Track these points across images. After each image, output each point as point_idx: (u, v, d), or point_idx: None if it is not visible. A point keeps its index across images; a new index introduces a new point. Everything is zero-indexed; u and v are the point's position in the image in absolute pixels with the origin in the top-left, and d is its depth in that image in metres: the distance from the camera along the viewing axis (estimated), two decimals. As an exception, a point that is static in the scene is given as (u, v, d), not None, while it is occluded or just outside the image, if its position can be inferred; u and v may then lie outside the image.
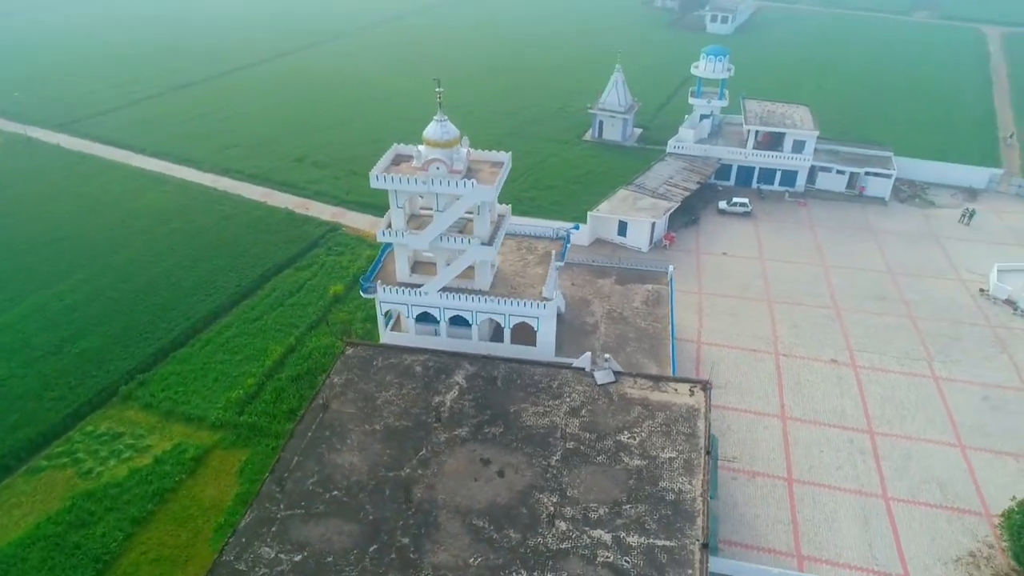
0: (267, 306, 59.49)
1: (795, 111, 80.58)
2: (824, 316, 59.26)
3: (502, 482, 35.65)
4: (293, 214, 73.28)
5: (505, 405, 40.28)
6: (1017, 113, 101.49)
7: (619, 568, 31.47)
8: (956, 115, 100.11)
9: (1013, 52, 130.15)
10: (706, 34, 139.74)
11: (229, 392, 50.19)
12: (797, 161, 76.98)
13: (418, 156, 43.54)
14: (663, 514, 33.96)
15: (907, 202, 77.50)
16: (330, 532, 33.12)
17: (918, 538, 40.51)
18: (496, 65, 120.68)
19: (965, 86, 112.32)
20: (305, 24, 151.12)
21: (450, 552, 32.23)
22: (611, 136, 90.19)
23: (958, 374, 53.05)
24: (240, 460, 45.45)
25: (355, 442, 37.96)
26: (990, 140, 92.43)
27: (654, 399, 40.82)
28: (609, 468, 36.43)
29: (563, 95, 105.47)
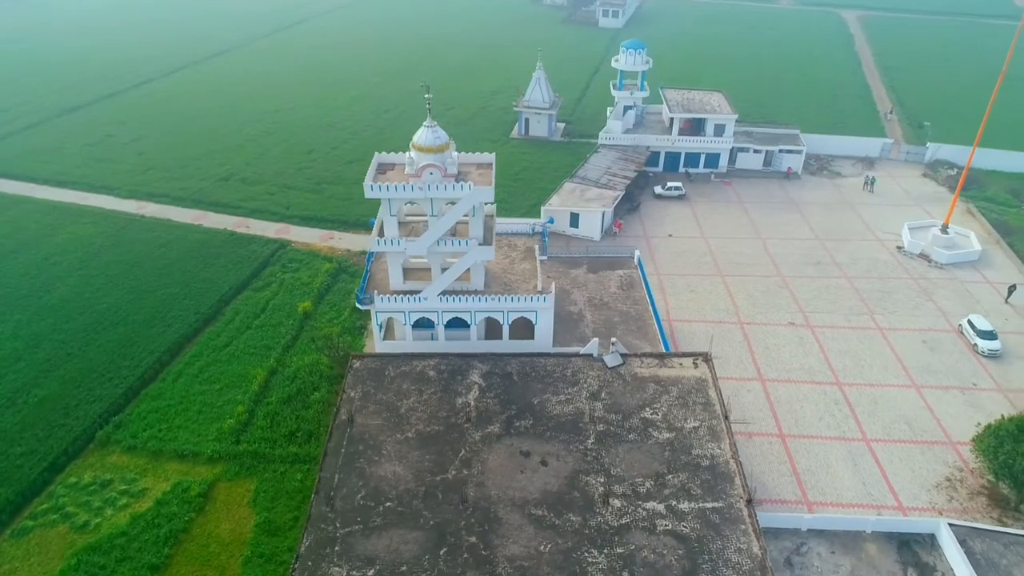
0: (234, 330, 57.31)
1: (711, 97, 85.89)
2: (773, 284, 64.06)
3: (547, 470, 36.81)
4: (235, 234, 70.52)
5: (527, 398, 41.36)
6: (888, 90, 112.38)
7: (679, 534, 33.49)
8: (838, 93, 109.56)
9: (872, 34, 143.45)
10: (598, 29, 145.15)
11: (218, 423, 48.31)
12: (719, 144, 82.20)
13: (411, 163, 43.61)
14: (703, 479, 36.31)
15: (817, 175, 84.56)
16: (395, 543, 33.13)
17: (901, 471, 45.16)
18: (404, 68, 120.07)
19: (839, 66, 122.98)
20: (203, 32, 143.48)
21: (519, 543, 33.11)
22: (538, 132, 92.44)
23: (897, 323, 59.04)
24: (249, 490, 43.97)
25: (391, 452, 37.89)
26: (872, 115, 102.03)
27: (664, 375, 43.19)
28: (642, 444, 38.39)
29: (482, 95, 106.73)
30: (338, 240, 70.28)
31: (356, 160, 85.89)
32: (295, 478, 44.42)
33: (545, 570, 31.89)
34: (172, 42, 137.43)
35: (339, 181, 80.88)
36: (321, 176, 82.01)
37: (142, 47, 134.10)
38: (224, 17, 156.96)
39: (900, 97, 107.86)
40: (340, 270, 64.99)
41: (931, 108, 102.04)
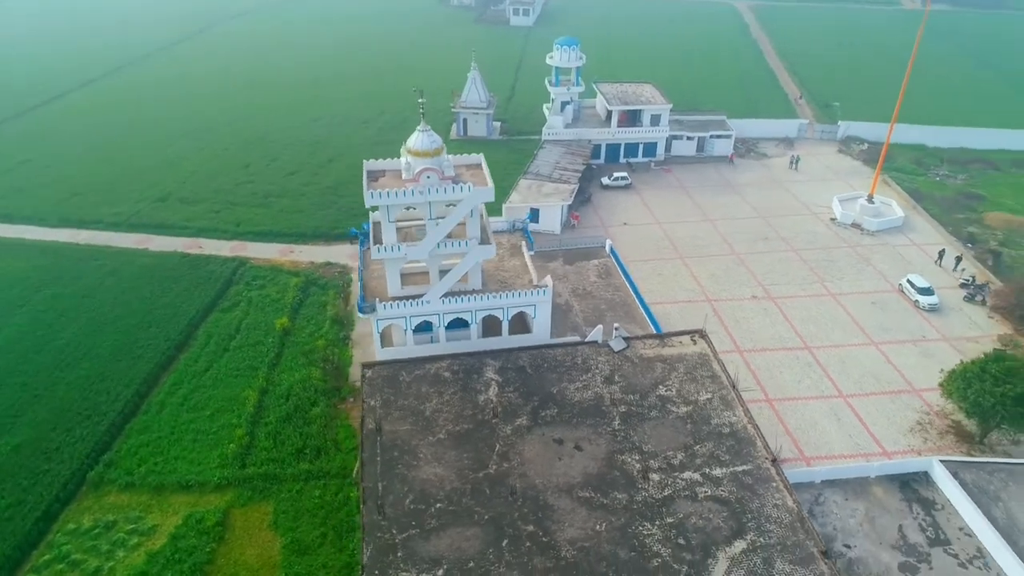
0: (211, 354, 55.30)
1: (643, 88, 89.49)
2: (730, 262, 67.87)
3: (584, 455, 38.17)
4: (188, 256, 67.65)
5: (546, 388, 42.56)
6: (791, 75, 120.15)
7: (720, 498, 35.68)
8: (746, 81, 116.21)
9: (765, 23, 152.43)
10: (510, 27, 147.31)
11: (217, 449, 46.76)
12: (656, 133, 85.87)
13: (407, 168, 43.83)
14: (728, 445, 38.71)
15: (745, 157, 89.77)
16: (455, 541, 33.60)
17: (878, 421, 49.36)
18: (323, 75, 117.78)
19: (742, 55, 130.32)
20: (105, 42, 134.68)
21: (575, 526, 34.32)
22: (476, 132, 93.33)
23: (845, 288, 64.02)
24: (267, 513, 42.93)
25: (428, 454, 38.17)
26: (782, 99, 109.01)
27: (667, 354, 45.43)
28: (664, 419, 40.41)
29: (412, 98, 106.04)
30: (299, 253, 68.76)
31: (297, 171, 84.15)
32: (313, 495, 43.70)
33: (606, 548, 33.26)
34: (77, 54, 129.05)
35: (284, 194, 78.92)
36: (265, 190, 79.74)
37: (41, 59, 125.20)
38: (120, 27, 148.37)
39: (804, 81, 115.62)
40: (309, 283, 63.74)
41: (833, 90, 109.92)
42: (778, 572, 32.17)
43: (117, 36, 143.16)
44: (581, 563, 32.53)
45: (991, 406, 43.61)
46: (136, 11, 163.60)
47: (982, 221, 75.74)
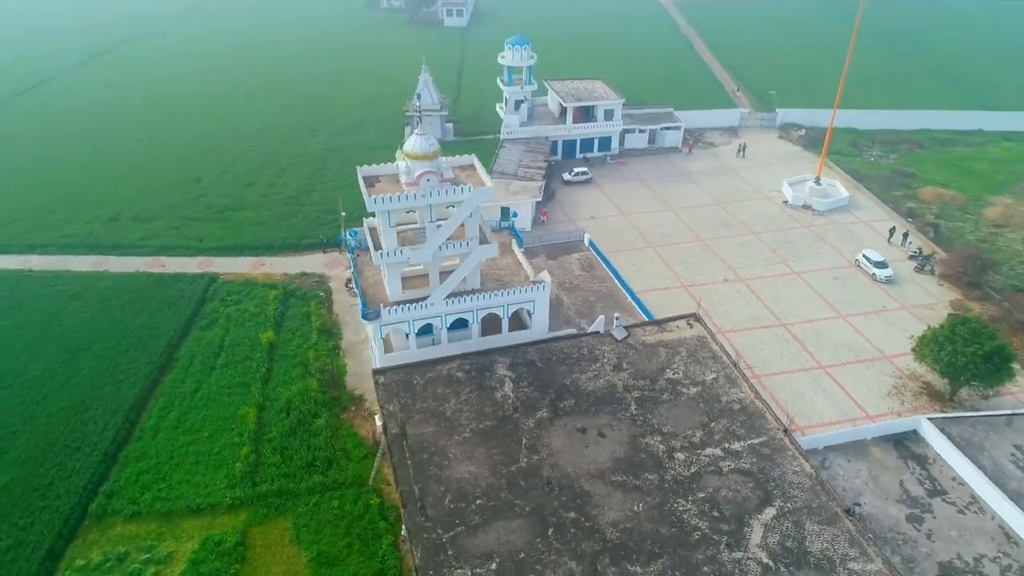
0: (198, 374, 53.78)
1: (594, 85, 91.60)
2: (697, 248, 70.59)
3: (608, 441, 39.37)
4: (153, 275, 65.29)
5: (559, 380, 43.55)
6: (724, 66, 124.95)
7: (743, 470, 37.57)
8: (684, 74, 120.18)
9: (692, 19, 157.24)
10: (445, 28, 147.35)
11: (222, 469, 45.77)
12: (611, 127, 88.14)
13: (407, 172, 43.90)
14: (741, 420, 40.69)
15: (697, 146, 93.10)
16: (502, 534, 34.21)
17: (858, 388, 52.70)
18: (262, 84, 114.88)
19: (675, 51, 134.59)
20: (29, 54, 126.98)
21: (614, 509, 35.48)
22: (431, 135, 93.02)
23: (807, 267, 67.69)
24: (287, 528, 42.43)
25: (457, 453, 38.55)
26: (719, 90, 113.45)
27: (668, 339, 47.18)
28: (677, 401, 42.08)
29: (359, 104, 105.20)
30: (271, 266, 67.38)
31: (253, 182, 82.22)
32: (332, 506, 43.41)
33: (648, 526, 34.57)
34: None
35: (244, 206, 77.04)
36: (222, 203, 77.57)
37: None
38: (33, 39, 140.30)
39: (737, 73, 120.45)
40: (287, 295, 62.64)
41: (765, 79, 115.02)
42: (809, 533, 34.23)
43: (32, 49, 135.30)
44: (627, 543, 33.72)
45: (963, 365, 47.33)
46: (49, 21, 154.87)
47: (918, 196, 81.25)
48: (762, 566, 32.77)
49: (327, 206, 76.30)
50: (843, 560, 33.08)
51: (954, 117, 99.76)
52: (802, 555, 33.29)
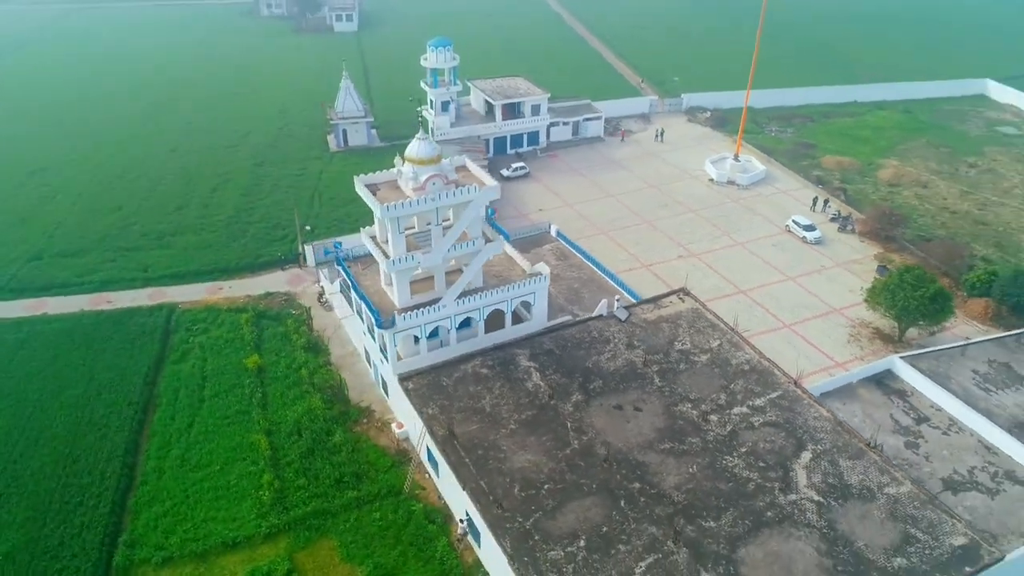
0: (187, 408, 51.17)
1: (516, 81, 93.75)
2: (646, 230, 74.57)
3: (644, 414, 41.83)
4: (102, 313, 60.92)
5: (581, 364, 45.53)
6: (617, 56, 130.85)
7: (772, 422, 41.20)
8: (584, 66, 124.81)
9: (574, 11, 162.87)
10: (335, 34, 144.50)
11: (247, 500, 44.20)
12: (538, 122, 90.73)
13: (413, 177, 44.17)
14: (755, 379, 44.42)
15: (615, 135, 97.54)
16: (579, 512, 35.84)
17: (822, 340, 58.19)
18: (159, 101, 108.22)
19: (567, 43, 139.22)
20: None
21: (672, 474, 37.98)
22: (357, 142, 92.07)
23: (747, 237, 73.31)
24: (333, 547, 41.74)
25: (510, 445, 39.67)
26: (619, 80, 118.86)
27: (666, 314, 50.29)
28: (693, 369, 45.21)
29: (272, 116, 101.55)
30: (230, 289, 64.66)
31: (184, 205, 78.00)
32: (374, 519, 43.09)
33: (706, 484, 37.31)
34: None
35: (182, 231, 73.05)
36: (158, 230, 73.17)
37: None
38: None
39: (630, 62, 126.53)
40: (258, 317, 60.45)
41: (659, 66, 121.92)
42: (844, 469, 38.25)
43: None
44: (695, 502, 36.29)
45: (915, 307, 53.64)
46: None
47: (821, 165, 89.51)
48: (815, 503, 36.36)
49: (273, 222, 74.00)
50: (879, 487, 37.30)
51: (833, 92, 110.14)
52: (845, 488, 37.20)
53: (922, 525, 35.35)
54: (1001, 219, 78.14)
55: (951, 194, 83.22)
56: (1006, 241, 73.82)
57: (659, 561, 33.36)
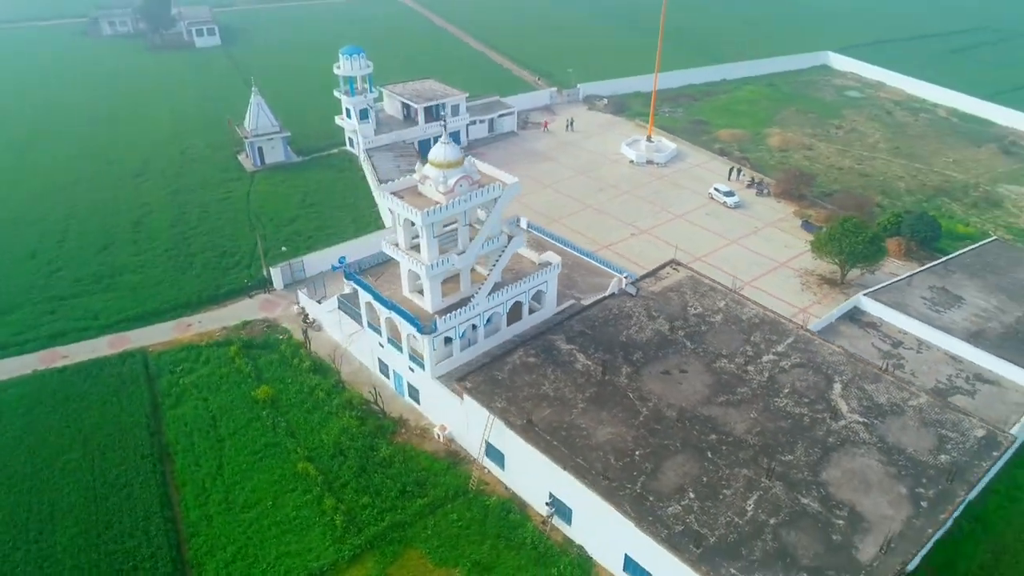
0: (208, 452, 48.38)
1: (429, 84, 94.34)
2: (592, 213, 78.66)
3: (690, 376, 45.58)
4: (65, 369, 55.26)
5: (616, 339, 48.49)
6: (500, 55, 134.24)
7: (799, 364, 46.44)
8: (472, 66, 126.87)
9: (440, 12, 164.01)
10: (198, 50, 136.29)
11: (314, 529, 43.21)
12: (459, 122, 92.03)
13: (443, 181, 44.75)
14: (770, 328, 49.63)
15: (527, 128, 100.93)
16: (677, 468, 38.89)
17: (783, 290, 65.03)
18: (24, 138, 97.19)
19: (449, 45, 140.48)
20: None
21: (738, 421, 42.02)
22: (274, 158, 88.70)
23: (683, 210, 79.49)
24: (421, 555, 42.05)
25: (588, 423, 41.85)
26: (509, 76, 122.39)
27: (668, 284, 54.43)
28: (714, 329, 49.64)
29: (169, 141, 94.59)
30: (201, 324, 60.99)
31: (109, 244, 71.71)
32: (451, 520, 43.73)
33: (771, 425, 41.69)
34: None
35: (119, 271, 67.32)
36: (89, 273, 66.87)
37: None
38: None
39: (515, 56, 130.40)
40: (245, 347, 57.72)
41: (540, 59, 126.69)
42: (871, 392, 44.17)
43: None
44: (768, 442, 40.49)
45: (858, 252, 61.60)
46: None
47: (719, 139, 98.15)
48: (862, 424, 41.84)
49: (220, 250, 70.26)
50: (904, 402, 43.53)
51: (705, 72, 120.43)
52: (878, 408, 43.03)
53: (948, 426, 41.86)
54: (878, 170, 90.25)
55: (831, 153, 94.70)
56: (888, 188, 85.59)
57: (762, 496, 37.19)
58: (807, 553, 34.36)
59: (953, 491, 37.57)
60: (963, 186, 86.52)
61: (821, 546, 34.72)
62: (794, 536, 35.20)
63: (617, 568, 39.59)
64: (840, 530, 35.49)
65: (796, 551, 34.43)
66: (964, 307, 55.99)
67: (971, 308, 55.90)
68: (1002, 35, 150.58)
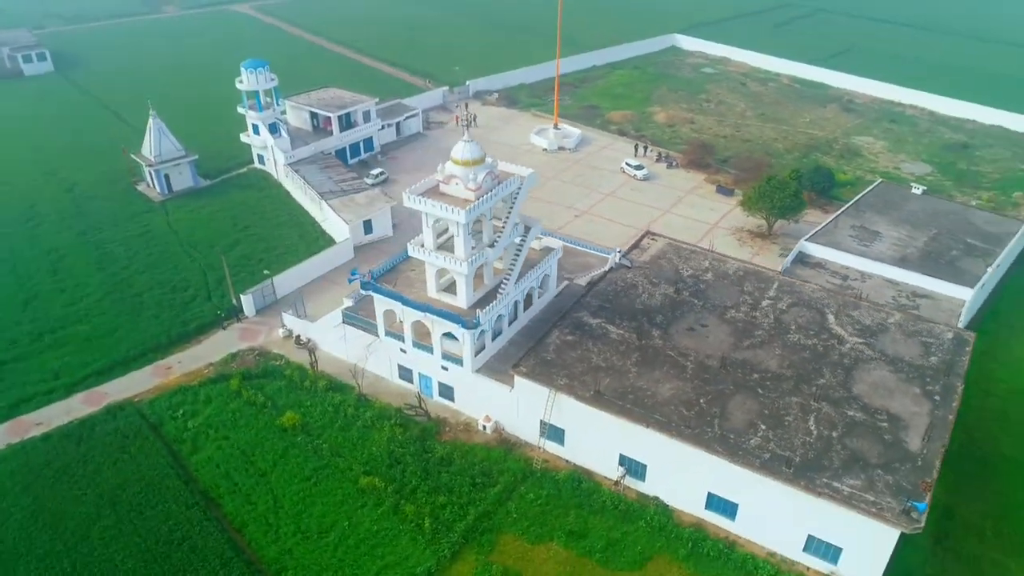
0: (254, 487, 46.52)
1: (333, 92, 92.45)
2: (530, 202, 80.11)
3: (711, 327, 50.72)
4: (49, 438, 49.68)
5: (633, 307, 52.57)
6: (367, 57, 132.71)
7: (792, 303, 53.01)
8: (346, 71, 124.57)
9: (288, 19, 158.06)
10: (29, 79, 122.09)
11: (401, 538, 43.46)
12: (371, 128, 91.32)
13: (473, 178, 46.07)
14: (756, 277, 56.00)
15: (432, 129, 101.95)
16: (739, 407, 43.71)
17: (725, 248, 71.52)
18: None
19: (315, 55, 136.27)
20: None
21: (769, 359, 47.66)
22: (183, 184, 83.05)
23: (608, 188, 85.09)
24: (516, 537, 43.69)
25: (647, 383, 45.55)
26: (384, 76, 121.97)
27: (653, 254, 59.32)
28: (712, 285, 55.19)
29: (45, 180, 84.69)
30: (182, 365, 57.13)
31: (32, 298, 64.19)
32: (529, 499, 45.73)
33: (794, 358, 47.73)
34: None
35: (59, 325, 60.48)
36: (24, 332, 59.44)
37: None
38: None
39: (387, 59, 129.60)
40: (246, 378, 55.13)
41: (409, 57, 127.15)
42: (857, 318, 51.60)
43: None
44: (800, 372, 46.45)
45: (785, 205, 70.18)
46: None
47: (611, 120, 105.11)
48: (864, 343, 49.07)
49: (168, 286, 65.73)
50: (884, 320, 51.45)
51: (576, 61, 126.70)
52: (869, 329, 50.60)
53: (925, 334, 50.24)
54: (755, 135, 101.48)
55: (711, 124, 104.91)
56: (769, 150, 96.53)
57: (818, 417, 42.95)
58: (872, 453, 40.49)
59: (952, 384, 45.58)
60: (826, 141, 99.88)
61: (880, 446, 41.02)
62: (856, 442, 41.24)
63: (699, 508, 43.84)
64: (888, 431, 42.03)
65: (864, 454, 40.46)
66: (884, 240, 66.08)
67: (889, 240, 66.13)
68: (809, 9, 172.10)
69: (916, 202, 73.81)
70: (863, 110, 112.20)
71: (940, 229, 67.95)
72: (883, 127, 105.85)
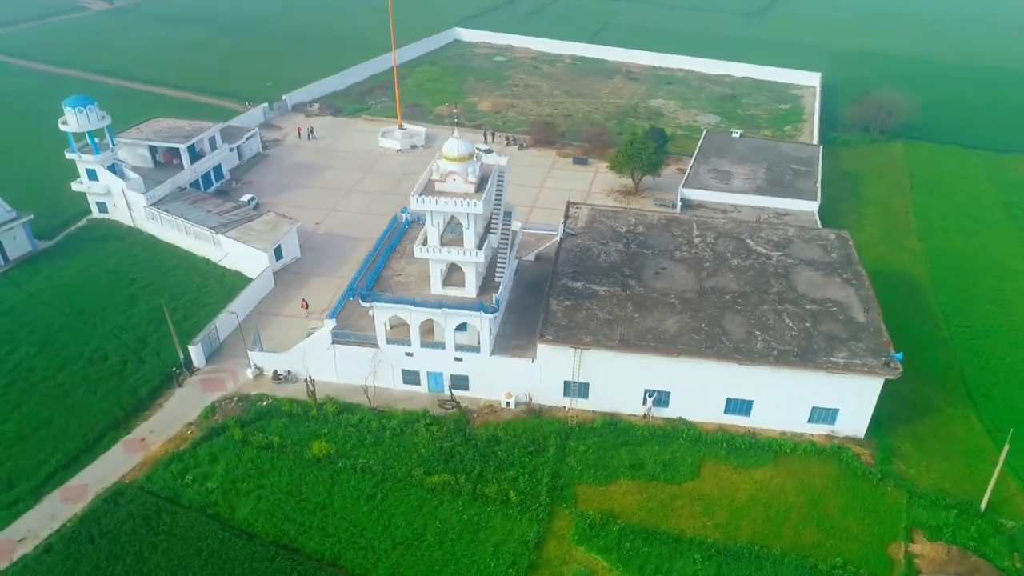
0: (326, 524, 45.11)
1: (163, 123, 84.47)
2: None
3: (670, 269, 58.81)
4: (52, 548, 42.90)
5: (602, 266, 58.79)
6: (156, 87, 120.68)
7: (718, 236, 63.05)
8: (136, 102, 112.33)
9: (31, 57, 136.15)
10: None
11: (495, 518, 45.72)
12: (220, 153, 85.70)
13: (472, 171, 48.58)
14: (683, 226, 65.11)
15: (269, 147, 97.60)
16: (739, 321, 52.32)
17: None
18: None
19: (65, 87, 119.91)
20: None
21: (728, 282, 56.95)
22: (20, 250, 71.22)
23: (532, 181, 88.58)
24: (589, 484, 48.06)
25: (653, 323, 52.22)
26: (176, 103, 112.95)
27: (586, 219, 65.92)
28: (654, 233, 63.20)
29: None
30: (153, 433, 51.65)
31: (-100, 414, 52.83)
32: (580, 451, 50.26)
33: (744, 276, 57.59)
34: None
35: None
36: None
37: None
38: None
39: (174, 83, 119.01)
40: (242, 424, 51.73)
41: (196, 78, 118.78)
42: (769, 235, 63.10)
43: None
44: (754, 285, 56.37)
45: (650, 163, 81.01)
46: None
47: (441, 115, 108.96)
48: (783, 255, 60.47)
49: (82, 360, 57.85)
50: (787, 235, 63.64)
51: (374, 64, 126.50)
52: (781, 244, 62.36)
53: (818, 239, 63.25)
54: (572, 110, 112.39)
55: (532, 106, 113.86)
56: (594, 121, 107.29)
57: (789, 315, 53.06)
58: (840, 331, 51.56)
59: (858, 271, 58.68)
60: (631, 107, 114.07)
61: (841, 325, 52.23)
62: (826, 327, 52.01)
63: (718, 415, 51.93)
64: (839, 313, 53.47)
65: (836, 333, 51.29)
66: (736, 177, 79.75)
67: (740, 176, 79.97)
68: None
69: (740, 144, 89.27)
70: (643, 78, 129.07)
71: (769, 161, 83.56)
72: (666, 89, 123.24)
